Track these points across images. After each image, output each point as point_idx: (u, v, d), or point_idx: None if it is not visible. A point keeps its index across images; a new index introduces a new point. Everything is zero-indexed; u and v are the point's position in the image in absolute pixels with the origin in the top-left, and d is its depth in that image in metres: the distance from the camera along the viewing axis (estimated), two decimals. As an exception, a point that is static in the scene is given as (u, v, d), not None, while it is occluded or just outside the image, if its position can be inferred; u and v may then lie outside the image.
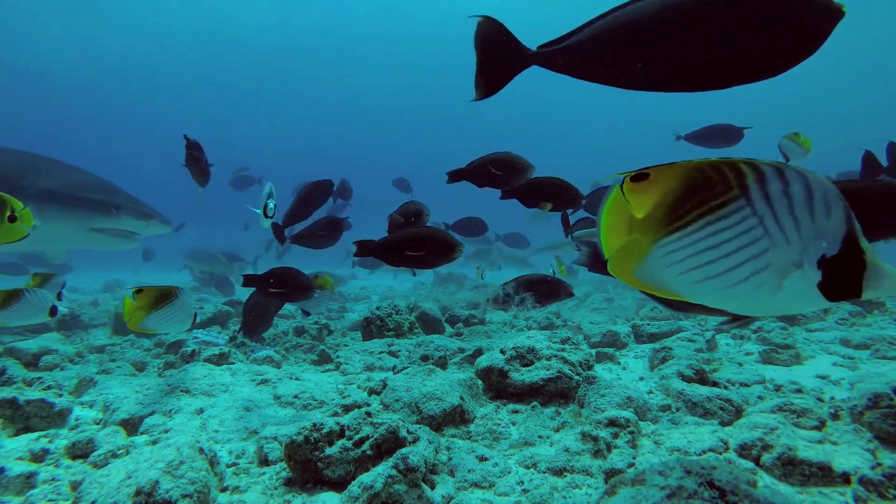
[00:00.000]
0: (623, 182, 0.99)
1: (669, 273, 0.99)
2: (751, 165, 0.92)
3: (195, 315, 2.25)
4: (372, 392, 2.64)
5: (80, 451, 1.92)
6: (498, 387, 2.54)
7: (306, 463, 1.66)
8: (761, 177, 0.91)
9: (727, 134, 4.53)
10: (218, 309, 5.36)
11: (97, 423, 2.29)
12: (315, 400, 2.46)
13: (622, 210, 1.01)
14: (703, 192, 0.93)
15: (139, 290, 2.11)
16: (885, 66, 33.06)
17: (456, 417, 2.21)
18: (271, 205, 2.73)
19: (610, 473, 1.65)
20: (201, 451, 1.58)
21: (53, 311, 2.51)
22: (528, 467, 1.79)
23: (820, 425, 1.95)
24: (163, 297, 2.15)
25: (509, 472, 1.76)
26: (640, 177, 0.98)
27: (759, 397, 2.34)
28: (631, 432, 1.91)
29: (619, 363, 3.30)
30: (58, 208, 4.29)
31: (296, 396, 2.48)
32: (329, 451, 1.66)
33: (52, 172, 4.49)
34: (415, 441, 1.73)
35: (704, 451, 1.81)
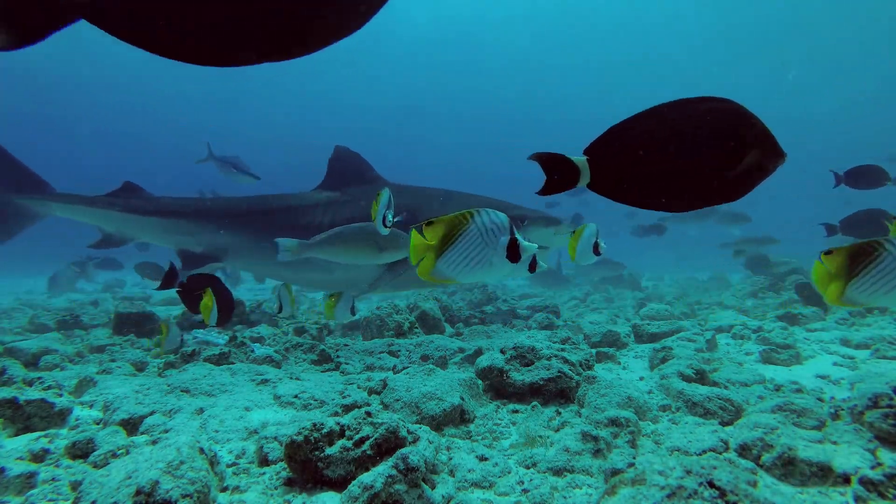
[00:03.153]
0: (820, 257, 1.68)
1: None
2: None
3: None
4: (372, 392, 2.64)
5: (80, 451, 1.92)
6: (498, 387, 2.54)
7: (306, 463, 1.66)
8: None
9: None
10: (218, 309, 5.35)
11: (97, 423, 2.29)
12: (315, 400, 2.46)
13: (824, 271, 1.70)
14: None
15: (429, 223, 1.66)
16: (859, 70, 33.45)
17: (456, 417, 2.21)
18: (390, 216, 2.55)
19: (610, 473, 1.65)
20: (201, 450, 1.58)
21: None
22: (528, 467, 1.79)
23: (820, 425, 1.95)
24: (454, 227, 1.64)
25: (509, 472, 1.76)
26: (830, 252, 1.67)
27: (759, 397, 2.34)
28: (631, 432, 1.91)
29: (620, 363, 3.30)
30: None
31: (296, 396, 2.48)
32: (329, 451, 1.66)
33: (448, 201, 4.49)
34: (415, 441, 1.73)
35: (704, 451, 1.81)
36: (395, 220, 2.69)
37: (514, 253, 1.66)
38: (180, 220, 5.40)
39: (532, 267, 1.72)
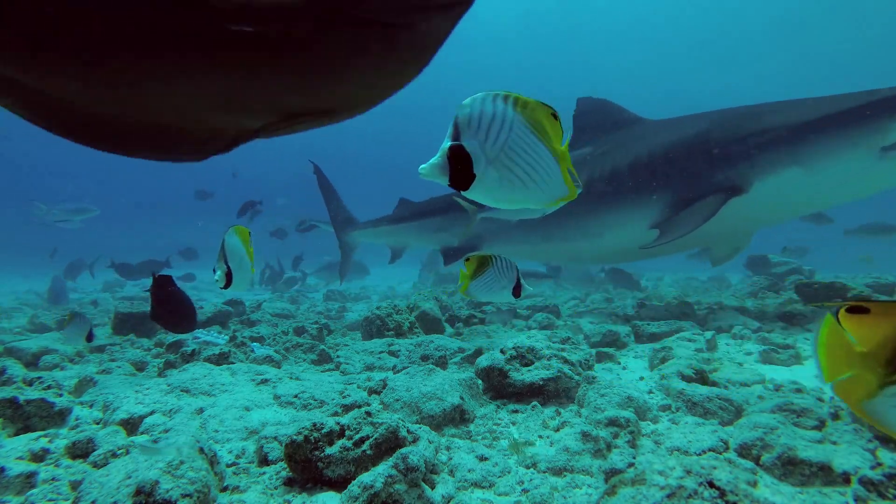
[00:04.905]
0: (837, 312, 0.96)
1: None
2: None
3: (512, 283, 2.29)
4: (372, 392, 2.64)
5: (80, 451, 1.92)
6: (498, 386, 2.54)
7: (306, 463, 1.66)
8: None
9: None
10: (218, 309, 5.36)
11: (97, 423, 2.29)
12: (315, 400, 2.46)
13: (840, 339, 0.97)
14: None
15: (467, 259, 2.29)
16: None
17: (456, 417, 2.21)
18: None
19: (610, 473, 1.65)
20: (201, 450, 1.58)
21: None
22: (528, 467, 1.79)
23: (820, 425, 1.95)
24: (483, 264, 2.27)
25: (509, 472, 1.76)
26: (857, 309, 0.93)
27: (759, 397, 2.34)
28: (631, 432, 1.91)
29: (619, 363, 3.30)
30: (833, 137, 3.51)
31: (296, 396, 2.48)
32: (329, 450, 1.66)
33: (765, 113, 3.93)
34: (415, 441, 1.73)
35: (704, 451, 1.81)
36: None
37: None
38: (435, 218, 5.59)
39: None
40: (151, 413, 2.26)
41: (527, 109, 1.11)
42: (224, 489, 1.66)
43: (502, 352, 2.65)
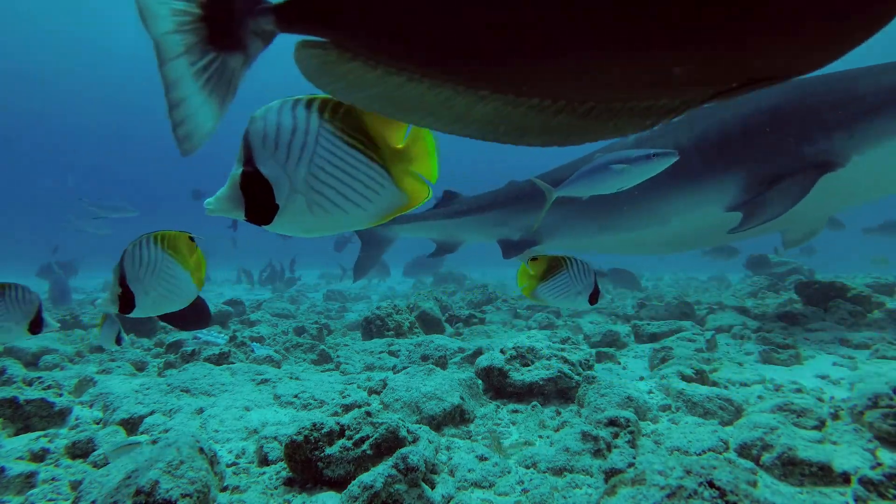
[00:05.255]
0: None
1: None
2: None
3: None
4: (372, 392, 2.64)
5: (80, 451, 1.92)
6: (498, 386, 2.54)
7: (306, 463, 1.66)
8: None
9: None
10: (218, 309, 5.36)
11: (97, 423, 2.29)
12: (315, 399, 2.46)
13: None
14: None
15: (534, 259, 2.12)
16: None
17: (456, 417, 2.21)
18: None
19: (610, 473, 1.65)
20: (201, 450, 1.58)
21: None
22: (528, 467, 1.79)
23: (820, 425, 1.95)
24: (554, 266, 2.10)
25: (509, 472, 1.76)
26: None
27: (759, 397, 2.34)
28: (631, 432, 1.91)
29: (619, 363, 3.30)
30: None
31: (296, 396, 2.48)
32: (329, 450, 1.66)
33: (862, 77, 3.46)
34: (415, 441, 1.73)
35: (704, 451, 1.81)
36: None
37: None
38: (493, 212, 5.34)
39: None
40: (151, 413, 2.26)
41: (338, 114, 0.92)
42: (224, 489, 1.66)
43: (502, 352, 2.65)
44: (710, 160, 3.99)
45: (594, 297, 2.11)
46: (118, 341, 2.63)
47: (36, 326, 1.94)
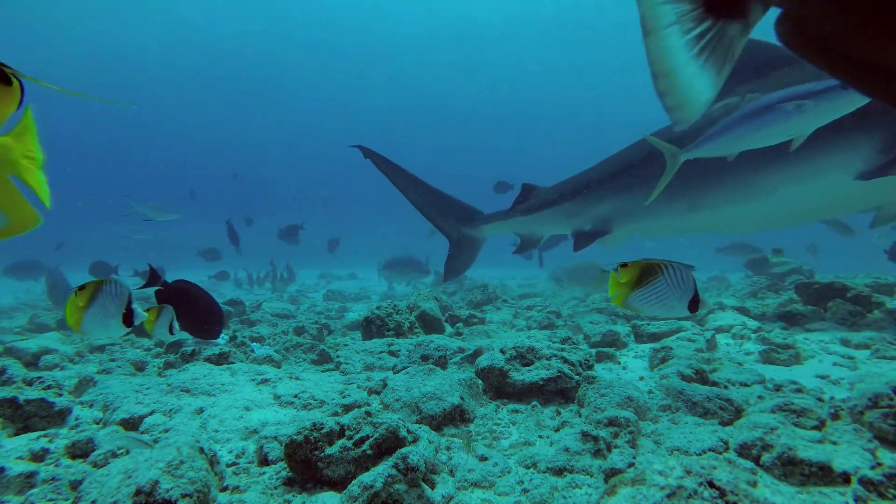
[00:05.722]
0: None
1: None
2: None
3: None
4: (372, 392, 2.64)
5: (80, 451, 1.92)
6: (498, 386, 2.54)
7: (306, 463, 1.66)
8: None
9: None
10: (218, 309, 5.35)
11: (97, 423, 2.29)
12: (315, 399, 2.46)
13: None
14: None
15: (624, 265, 1.94)
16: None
17: (456, 417, 2.21)
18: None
19: (610, 473, 1.65)
20: (201, 450, 1.58)
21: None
22: (528, 467, 1.79)
23: (820, 425, 1.95)
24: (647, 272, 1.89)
25: (509, 472, 1.76)
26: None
27: (759, 397, 2.34)
28: (631, 432, 1.91)
29: (619, 363, 3.30)
30: None
31: (296, 396, 2.48)
32: (329, 450, 1.66)
33: None
34: (415, 441, 1.73)
35: (704, 451, 1.81)
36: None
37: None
38: (565, 204, 5.12)
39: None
40: (151, 413, 2.26)
41: None
42: (224, 489, 1.66)
43: (502, 352, 2.65)
44: (840, 119, 3.65)
45: (694, 304, 1.89)
46: (172, 330, 2.57)
47: (128, 319, 1.95)
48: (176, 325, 2.48)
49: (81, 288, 1.94)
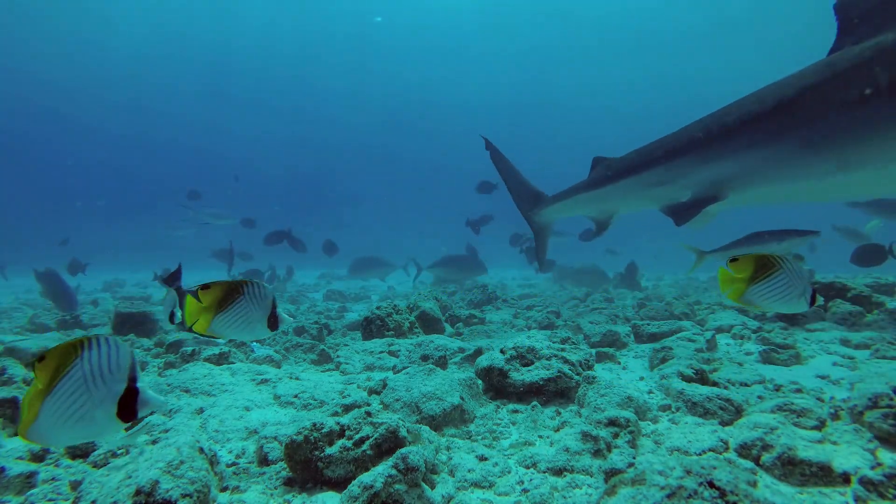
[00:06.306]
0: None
1: None
2: None
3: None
4: (372, 392, 2.64)
5: (79, 451, 1.92)
6: (498, 386, 2.54)
7: (306, 463, 1.66)
8: None
9: None
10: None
11: (97, 423, 2.29)
12: (315, 399, 2.46)
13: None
14: None
15: (734, 259, 1.89)
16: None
17: (456, 417, 2.21)
18: None
19: (610, 473, 1.65)
20: (201, 450, 1.58)
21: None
22: (528, 467, 1.79)
23: (820, 425, 1.95)
24: (765, 266, 1.84)
25: (509, 472, 1.76)
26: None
27: (759, 397, 2.34)
28: (631, 432, 1.91)
29: (619, 363, 3.30)
30: None
31: (296, 396, 2.48)
32: (329, 450, 1.66)
33: None
34: (415, 441, 1.73)
35: (704, 451, 1.81)
36: None
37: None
38: (650, 170, 4.18)
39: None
40: (151, 413, 2.26)
41: None
42: (224, 489, 1.66)
43: (502, 352, 2.65)
44: None
45: (813, 299, 1.85)
46: (172, 319, 2.48)
47: (273, 323, 1.77)
48: (178, 313, 2.36)
49: (205, 287, 1.70)
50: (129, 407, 1.18)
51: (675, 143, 3.97)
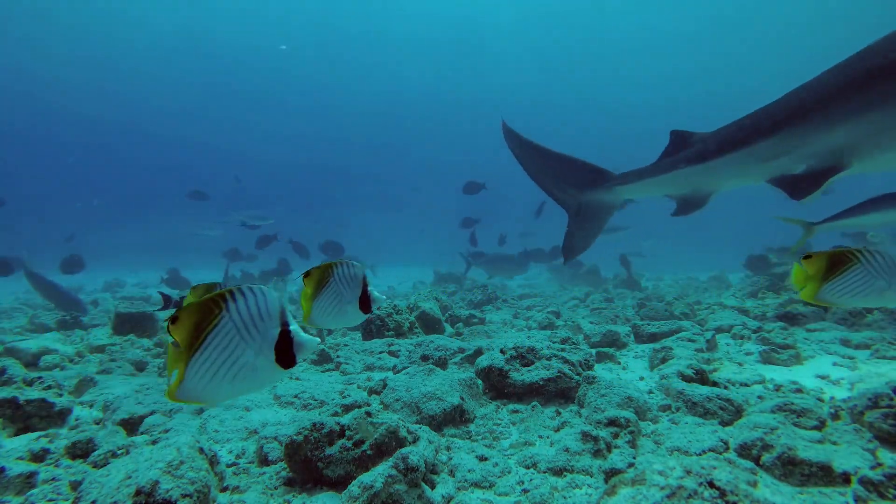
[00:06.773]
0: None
1: None
2: None
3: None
4: (372, 392, 2.64)
5: (80, 451, 1.92)
6: (498, 386, 2.54)
7: (306, 463, 1.66)
8: None
9: None
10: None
11: (97, 423, 2.29)
12: (315, 400, 2.46)
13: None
14: None
15: (807, 256, 1.76)
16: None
17: (456, 417, 2.21)
18: None
19: (610, 473, 1.65)
20: (201, 450, 1.58)
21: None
22: (528, 467, 1.79)
23: (820, 425, 1.95)
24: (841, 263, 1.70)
25: (509, 472, 1.76)
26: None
27: (759, 397, 2.34)
28: (631, 432, 1.91)
29: (619, 363, 3.30)
30: None
31: (296, 396, 2.48)
32: (329, 450, 1.66)
33: None
34: (415, 441, 1.73)
35: (704, 451, 1.81)
36: None
37: None
38: (760, 143, 3.76)
39: None
40: (151, 413, 2.26)
41: None
42: (224, 489, 1.66)
43: (502, 352, 2.65)
44: None
45: None
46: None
47: (366, 306, 1.62)
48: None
49: (307, 275, 1.59)
50: (286, 352, 1.17)
51: (786, 112, 3.57)
